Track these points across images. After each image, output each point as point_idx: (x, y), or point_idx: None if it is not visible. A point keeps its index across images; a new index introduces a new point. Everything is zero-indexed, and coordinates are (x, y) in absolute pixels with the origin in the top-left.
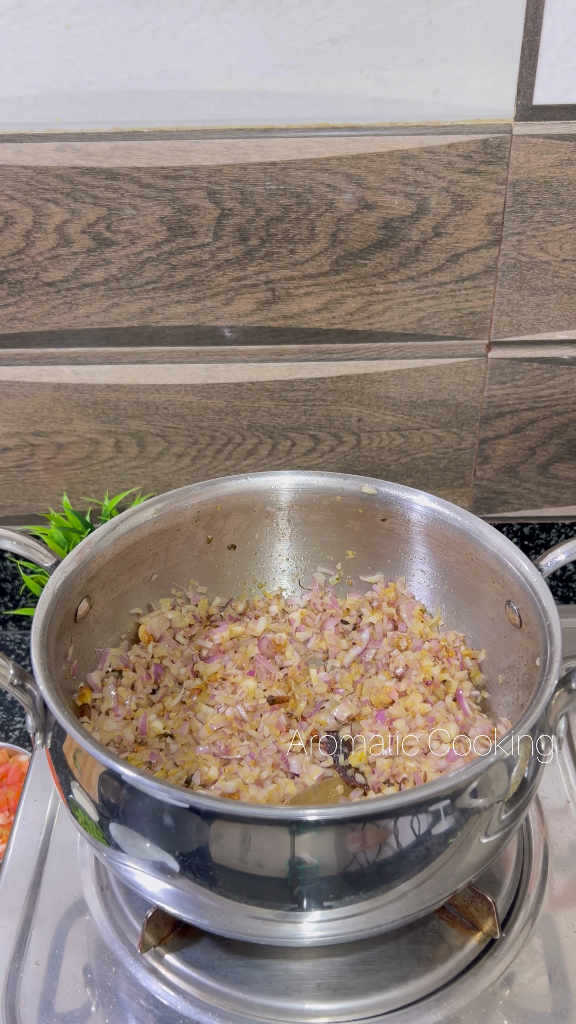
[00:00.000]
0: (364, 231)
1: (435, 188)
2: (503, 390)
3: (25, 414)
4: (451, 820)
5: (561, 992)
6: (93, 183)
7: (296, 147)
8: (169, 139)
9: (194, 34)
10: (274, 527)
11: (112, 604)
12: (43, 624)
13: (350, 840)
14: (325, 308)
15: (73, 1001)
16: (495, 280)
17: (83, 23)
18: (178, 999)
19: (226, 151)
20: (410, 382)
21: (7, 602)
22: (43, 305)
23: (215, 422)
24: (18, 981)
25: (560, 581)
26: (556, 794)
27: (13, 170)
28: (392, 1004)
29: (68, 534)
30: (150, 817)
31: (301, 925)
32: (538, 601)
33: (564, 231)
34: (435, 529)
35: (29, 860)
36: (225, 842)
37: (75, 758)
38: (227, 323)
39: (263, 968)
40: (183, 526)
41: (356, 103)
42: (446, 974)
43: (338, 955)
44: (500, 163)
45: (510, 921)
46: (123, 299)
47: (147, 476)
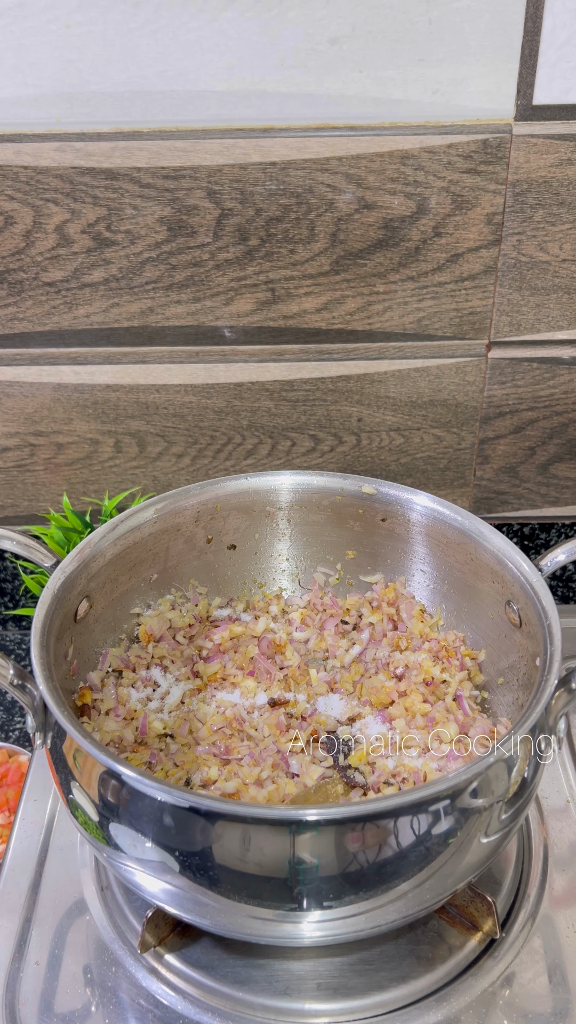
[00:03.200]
0: (364, 231)
1: (435, 188)
2: (503, 390)
3: (25, 414)
4: (451, 820)
5: (561, 992)
6: (93, 183)
7: (296, 147)
8: (169, 139)
9: (194, 34)
10: (274, 527)
11: (112, 604)
12: (43, 624)
13: (350, 840)
14: (325, 308)
15: (73, 1001)
16: (495, 280)
17: (83, 23)
18: (178, 999)
19: (226, 151)
20: (410, 382)
21: (7, 602)
22: (43, 305)
23: (215, 422)
24: (18, 981)
25: (560, 581)
26: (556, 794)
27: (13, 170)
28: (392, 1004)
29: (68, 534)
30: (150, 817)
31: (301, 925)
32: (538, 601)
33: (564, 231)
34: (435, 529)
35: (29, 860)
36: (225, 842)
37: (75, 758)
38: (227, 323)
39: (263, 968)
40: (183, 526)
41: (356, 103)
42: (446, 974)
43: (338, 955)
44: (500, 163)
45: (510, 921)
46: (123, 299)
47: (147, 476)
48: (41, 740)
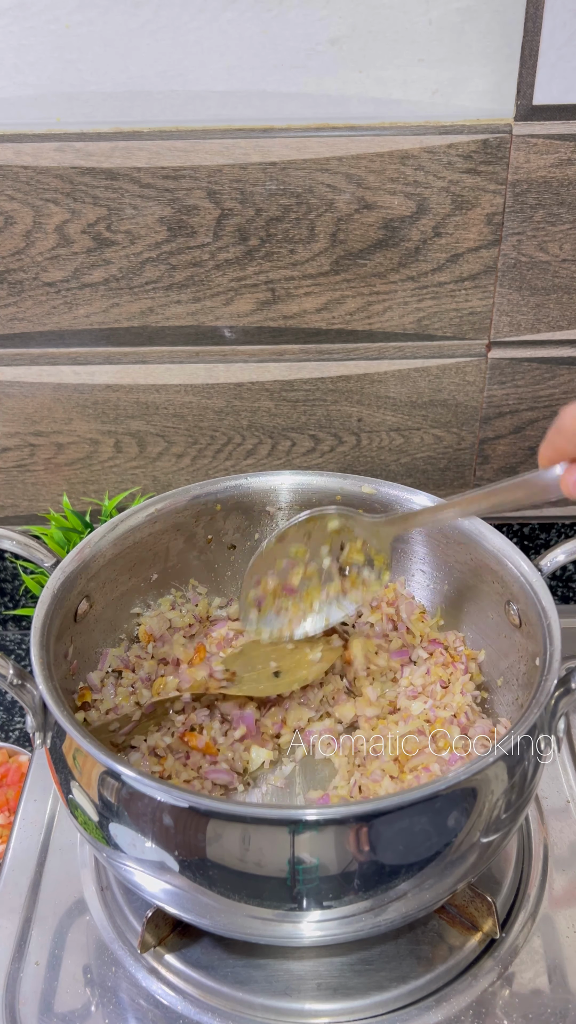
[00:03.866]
0: (364, 231)
1: (435, 188)
2: (503, 390)
3: (25, 414)
4: (451, 820)
5: (561, 992)
6: (93, 183)
7: (296, 147)
8: (169, 139)
9: (194, 34)
10: (274, 527)
11: (112, 604)
12: (43, 624)
13: (350, 840)
14: (325, 308)
15: (73, 1001)
16: (495, 280)
17: (83, 23)
18: (178, 999)
19: (226, 151)
20: (410, 382)
21: (7, 602)
22: (43, 305)
23: (215, 422)
24: (18, 981)
25: (560, 581)
26: (556, 794)
27: (13, 170)
28: (392, 1004)
29: (68, 534)
30: (150, 817)
31: (301, 925)
32: (538, 601)
33: (564, 231)
34: (435, 529)
35: (29, 860)
36: (225, 842)
37: (75, 758)
38: (227, 323)
39: (263, 968)
40: (183, 526)
41: (356, 103)
42: (446, 974)
43: (338, 955)
44: (500, 163)
45: (510, 921)
46: (123, 299)
47: (147, 476)
48: (41, 740)
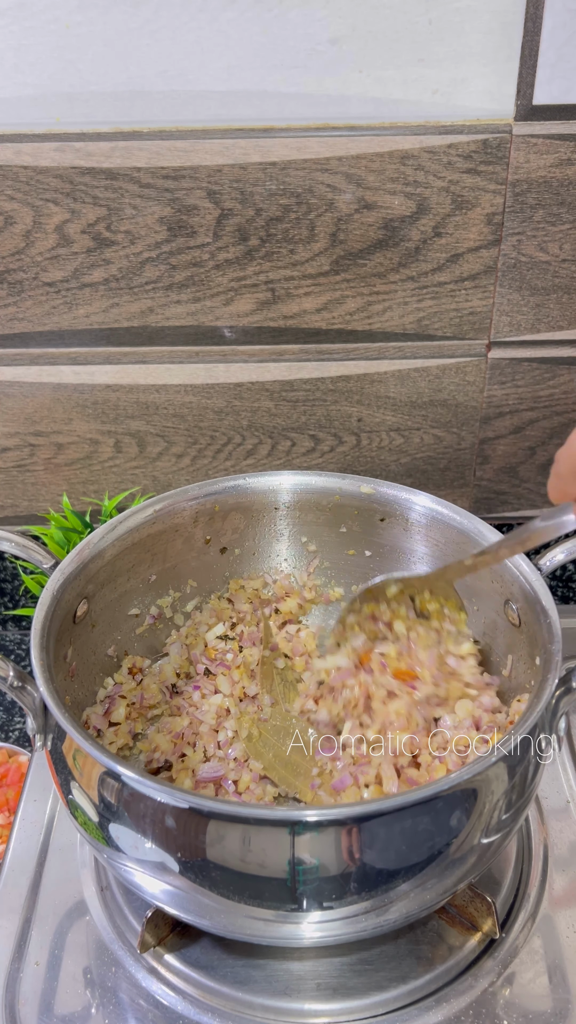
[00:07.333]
0: (364, 231)
1: (435, 188)
2: (503, 390)
3: (25, 414)
4: (451, 821)
5: (561, 992)
6: (93, 183)
7: (296, 147)
8: (169, 139)
9: (194, 34)
10: (273, 527)
11: (111, 605)
12: (43, 626)
13: (350, 840)
14: (325, 308)
15: (73, 1001)
16: (495, 280)
17: (83, 23)
18: (178, 999)
19: (226, 151)
20: (410, 382)
21: (7, 602)
22: (43, 305)
23: (215, 422)
24: (18, 981)
25: (560, 581)
26: (556, 794)
27: (13, 170)
28: (392, 1004)
29: (68, 534)
30: (150, 817)
31: (301, 925)
32: (538, 601)
33: (564, 231)
34: (434, 529)
35: (29, 860)
36: (225, 843)
37: (75, 759)
38: (227, 323)
39: (263, 968)
40: (182, 526)
41: (356, 103)
42: (445, 974)
43: (338, 955)
44: (500, 163)
45: (510, 921)
46: (123, 299)
47: (147, 476)
48: (41, 741)
